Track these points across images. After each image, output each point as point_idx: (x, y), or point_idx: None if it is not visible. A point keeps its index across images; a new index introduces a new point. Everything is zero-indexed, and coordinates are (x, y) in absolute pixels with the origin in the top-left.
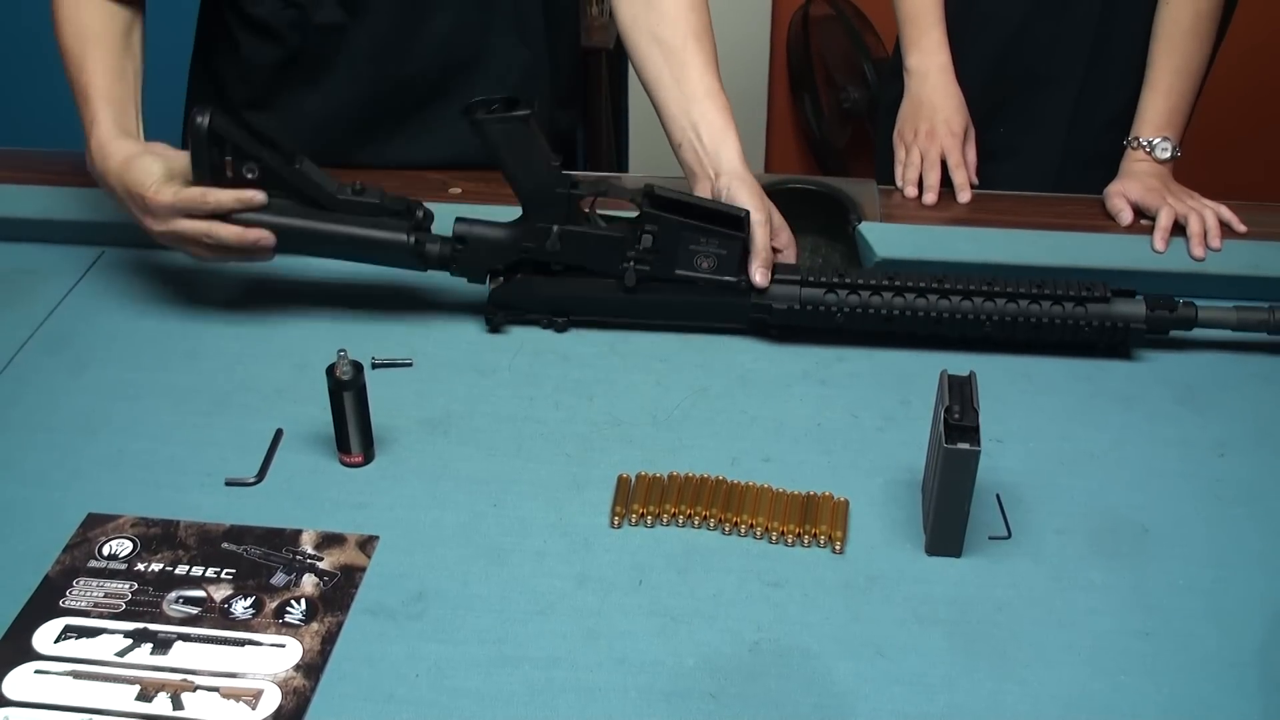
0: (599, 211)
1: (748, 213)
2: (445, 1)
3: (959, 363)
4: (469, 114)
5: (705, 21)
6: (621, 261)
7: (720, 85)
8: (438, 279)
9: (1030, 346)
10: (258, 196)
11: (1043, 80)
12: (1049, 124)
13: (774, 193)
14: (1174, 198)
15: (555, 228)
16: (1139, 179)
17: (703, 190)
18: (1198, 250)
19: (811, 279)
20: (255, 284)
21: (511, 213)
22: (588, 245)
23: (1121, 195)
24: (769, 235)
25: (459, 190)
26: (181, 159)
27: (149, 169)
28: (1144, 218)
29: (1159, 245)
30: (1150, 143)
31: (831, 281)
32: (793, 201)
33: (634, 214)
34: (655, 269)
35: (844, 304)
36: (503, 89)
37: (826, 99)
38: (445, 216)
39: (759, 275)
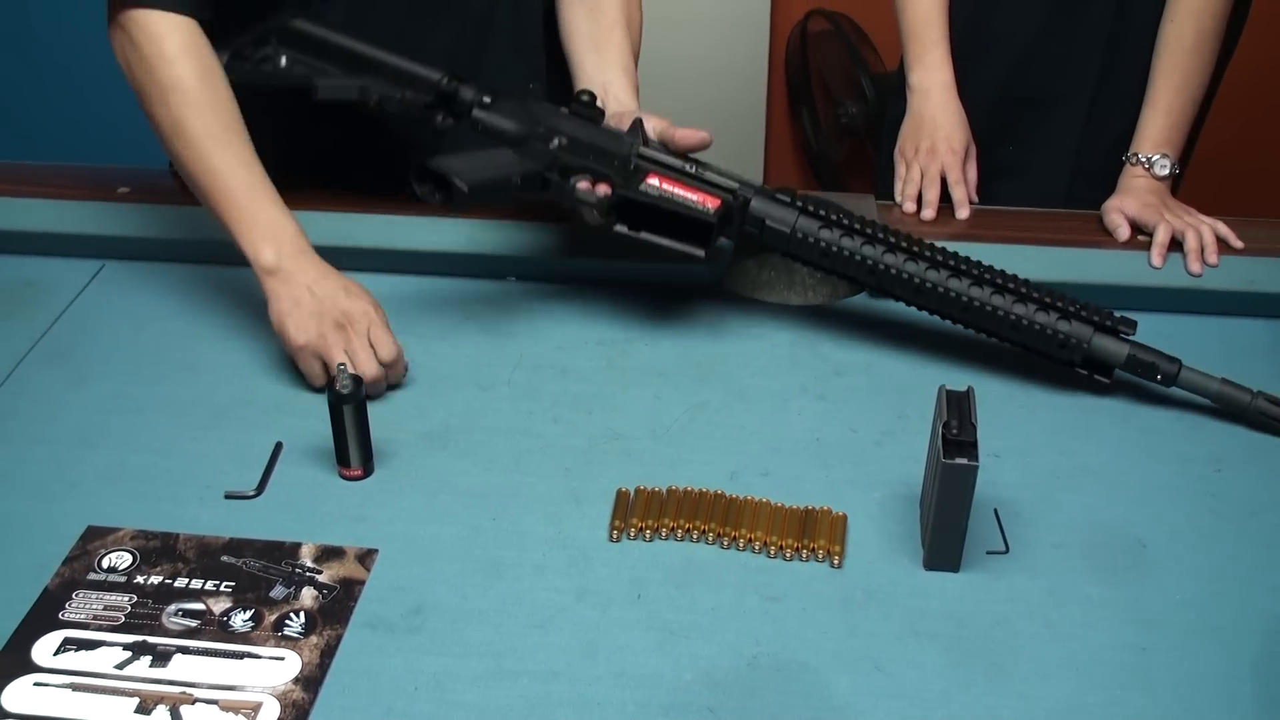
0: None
1: (713, 222)
2: (444, 17)
3: (957, 378)
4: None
5: (637, 16)
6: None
7: (635, 68)
8: (439, 290)
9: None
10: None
11: (1051, 99)
12: (1057, 143)
13: None
14: (1171, 214)
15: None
16: (1137, 195)
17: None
18: (1195, 266)
19: (811, 209)
20: (256, 298)
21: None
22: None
23: (1119, 211)
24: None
25: None
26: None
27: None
28: (1141, 233)
29: (1156, 261)
30: (1149, 159)
31: (830, 219)
32: None
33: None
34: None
35: (836, 244)
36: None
37: (824, 114)
38: (444, 228)
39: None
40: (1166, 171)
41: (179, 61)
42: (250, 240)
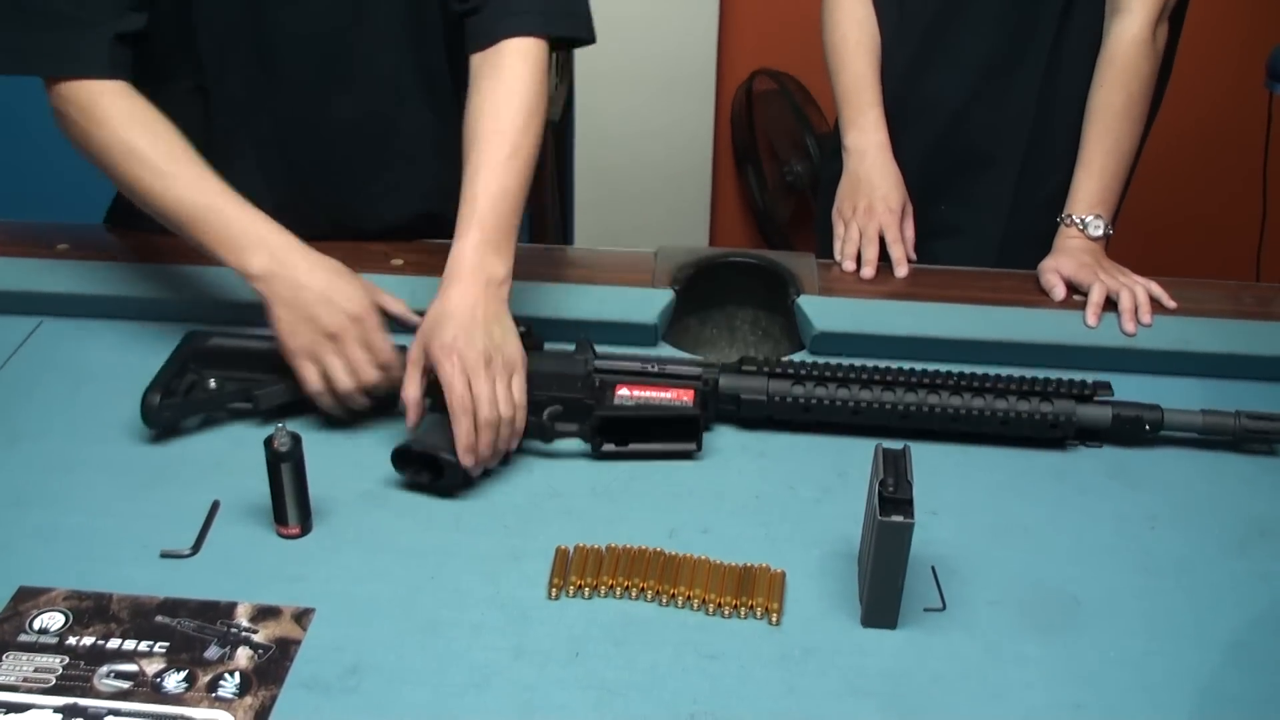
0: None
1: (698, 415)
2: (353, 79)
3: (897, 435)
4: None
5: (520, 122)
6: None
7: (502, 187)
8: None
9: (999, 440)
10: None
11: (984, 161)
12: (990, 203)
13: (715, 266)
14: (1106, 274)
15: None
16: (1072, 255)
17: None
18: (1128, 325)
19: (779, 370)
20: None
21: None
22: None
23: (1055, 271)
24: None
25: (400, 262)
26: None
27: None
28: (1077, 293)
29: (1091, 320)
30: (1083, 220)
31: (799, 374)
32: (733, 275)
33: None
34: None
35: (813, 396)
36: (416, 160)
37: (770, 172)
38: (390, 287)
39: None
40: (1100, 232)
41: (112, 120)
42: (232, 255)
